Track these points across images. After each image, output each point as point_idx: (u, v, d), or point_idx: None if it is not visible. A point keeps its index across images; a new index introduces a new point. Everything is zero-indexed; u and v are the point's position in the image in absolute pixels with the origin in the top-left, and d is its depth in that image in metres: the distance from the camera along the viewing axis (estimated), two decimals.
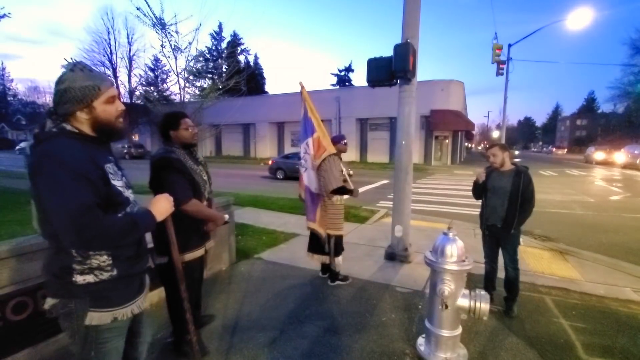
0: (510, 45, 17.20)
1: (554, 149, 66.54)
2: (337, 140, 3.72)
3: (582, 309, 3.25)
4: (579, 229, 6.80)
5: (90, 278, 1.27)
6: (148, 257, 1.53)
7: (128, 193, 1.38)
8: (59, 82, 1.23)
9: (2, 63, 67.54)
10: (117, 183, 1.32)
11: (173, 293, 2.35)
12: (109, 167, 1.31)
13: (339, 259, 3.72)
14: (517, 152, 26.07)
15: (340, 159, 3.64)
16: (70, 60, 1.32)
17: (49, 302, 1.32)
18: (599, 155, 28.30)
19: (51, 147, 1.19)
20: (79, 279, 1.26)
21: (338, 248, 3.69)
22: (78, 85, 1.22)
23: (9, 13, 13.01)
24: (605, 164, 26.55)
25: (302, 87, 3.63)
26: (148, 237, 2.35)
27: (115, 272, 1.32)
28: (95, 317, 1.30)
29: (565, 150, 61.13)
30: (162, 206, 1.47)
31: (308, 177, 3.56)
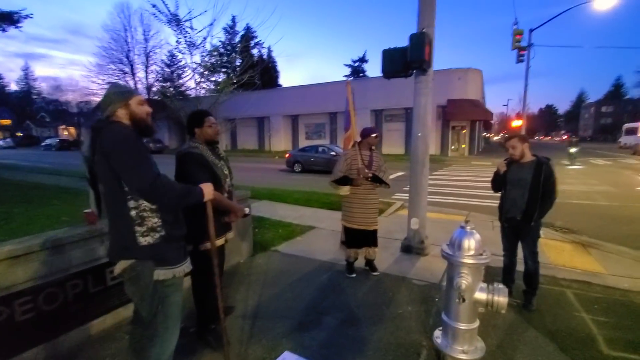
0: (531, 30, 16.61)
1: (542, 137, 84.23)
2: (365, 133, 3.75)
3: (605, 303, 3.18)
4: (602, 220, 6.59)
5: (149, 239, 1.63)
6: (184, 226, 1.85)
7: None
8: (107, 92, 1.72)
9: (26, 63, 69.89)
10: None
11: (199, 281, 2.47)
12: None
13: (348, 250, 3.80)
14: (573, 150, 17.17)
15: (372, 149, 3.75)
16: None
17: (120, 266, 1.66)
18: None
19: (123, 128, 1.60)
20: (142, 240, 1.62)
21: (346, 238, 3.77)
22: (119, 90, 1.75)
23: (31, 14, 13.50)
24: None
25: (349, 85, 4.07)
26: None
27: (163, 232, 1.67)
28: (161, 274, 1.68)
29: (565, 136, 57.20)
30: (208, 186, 1.87)
31: None
